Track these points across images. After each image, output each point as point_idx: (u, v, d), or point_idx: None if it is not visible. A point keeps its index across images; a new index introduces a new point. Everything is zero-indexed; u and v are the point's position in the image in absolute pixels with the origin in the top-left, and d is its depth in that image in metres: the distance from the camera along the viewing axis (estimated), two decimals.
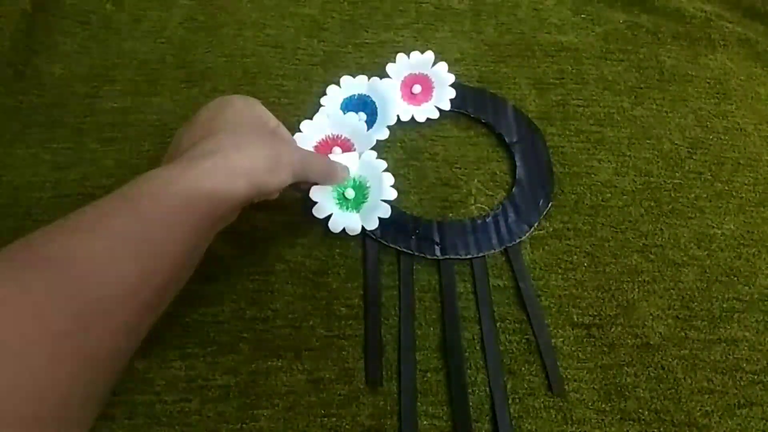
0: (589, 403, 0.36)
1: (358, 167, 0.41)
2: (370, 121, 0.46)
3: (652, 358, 0.38)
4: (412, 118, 0.47)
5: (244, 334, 0.37)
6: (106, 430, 0.34)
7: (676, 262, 0.42)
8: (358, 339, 0.38)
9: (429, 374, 0.37)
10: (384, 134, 0.46)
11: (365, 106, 0.47)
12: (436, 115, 0.47)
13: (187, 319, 0.38)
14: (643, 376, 0.37)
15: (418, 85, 0.48)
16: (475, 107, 0.48)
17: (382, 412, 0.35)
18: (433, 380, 0.37)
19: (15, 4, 0.51)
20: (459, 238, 0.42)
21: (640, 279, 0.41)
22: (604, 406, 0.36)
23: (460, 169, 0.45)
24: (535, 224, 0.43)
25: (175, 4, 0.54)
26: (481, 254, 0.41)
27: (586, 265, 0.41)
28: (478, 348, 0.38)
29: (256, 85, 0.49)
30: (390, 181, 0.41)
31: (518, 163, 0.45)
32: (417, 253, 0.41)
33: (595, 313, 0.40)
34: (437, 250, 0.41)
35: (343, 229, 0.40)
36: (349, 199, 0.40)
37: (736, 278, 0.42)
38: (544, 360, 0.37)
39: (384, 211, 0.40)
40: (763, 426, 0.36)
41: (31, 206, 0.42)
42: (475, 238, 0.42)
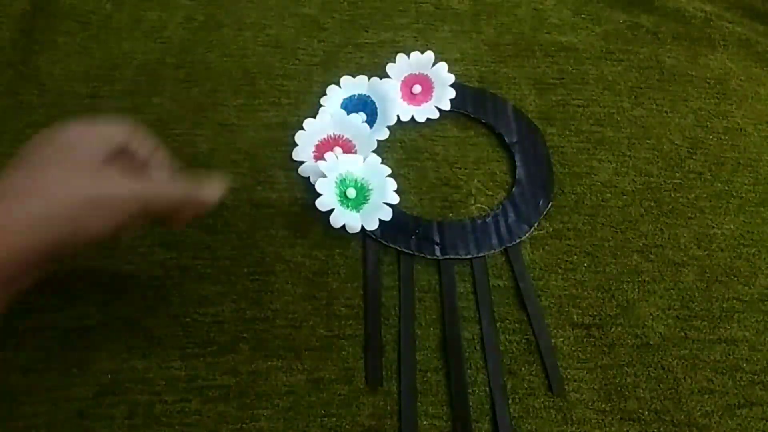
0: (589, 403, 0.36)
1: (361, 169, 0.42)
2: (370, 121, 0.46)
3: (652, 358, 0.38)
4: (412, 118, 0.47)
5: (244, 334, 0.37)
6: (106, 430, 0.34)
7: (676, 262, 0.42)
8: (358, 339, 0.38)
9: (429, 374, 0.37)
10: (384, 134, 0.46)
11: (365, 106, 0.47)
12: (436, 115, 0.47)
13: (187, 319, 0.37)
14: (643, 376, 0.37)
15: (418, 86, 0.48)
16: (475, 107, 0.48)
17: (382, 412, 0.35)
18: (433, 380, 0.37)
19: (15, 4, 0.51)
20: (459, 238, 0.42)
21: (640, 279, 0.41)
22: (604, 406, 0.36)
23: (460, 169, 0.45)
24: (535, 224, 0.43)
25: (175, 4, 0.54)
26: (481, 254, 0.41)
27: (586, 265, 0.41)
28: (478, 348, 0.38)
29: (256, 85, 0.49)
30: (393, 186, 0.42)
31: (518, 163, 0.45)
32: (417, 253, 0.41)
33: (595, 313, 0.40)
34: (437, 250, 0.41)
35: (344, 225, 0.40)
36: (350, 199, 0.41)
37: (736, 278, 0.42)
38: (544, 360, 0.37)
39: (385, 214, 0.41)
40: (763, 426, 0.36)
41: None
42: (475, 238, 0.42)
